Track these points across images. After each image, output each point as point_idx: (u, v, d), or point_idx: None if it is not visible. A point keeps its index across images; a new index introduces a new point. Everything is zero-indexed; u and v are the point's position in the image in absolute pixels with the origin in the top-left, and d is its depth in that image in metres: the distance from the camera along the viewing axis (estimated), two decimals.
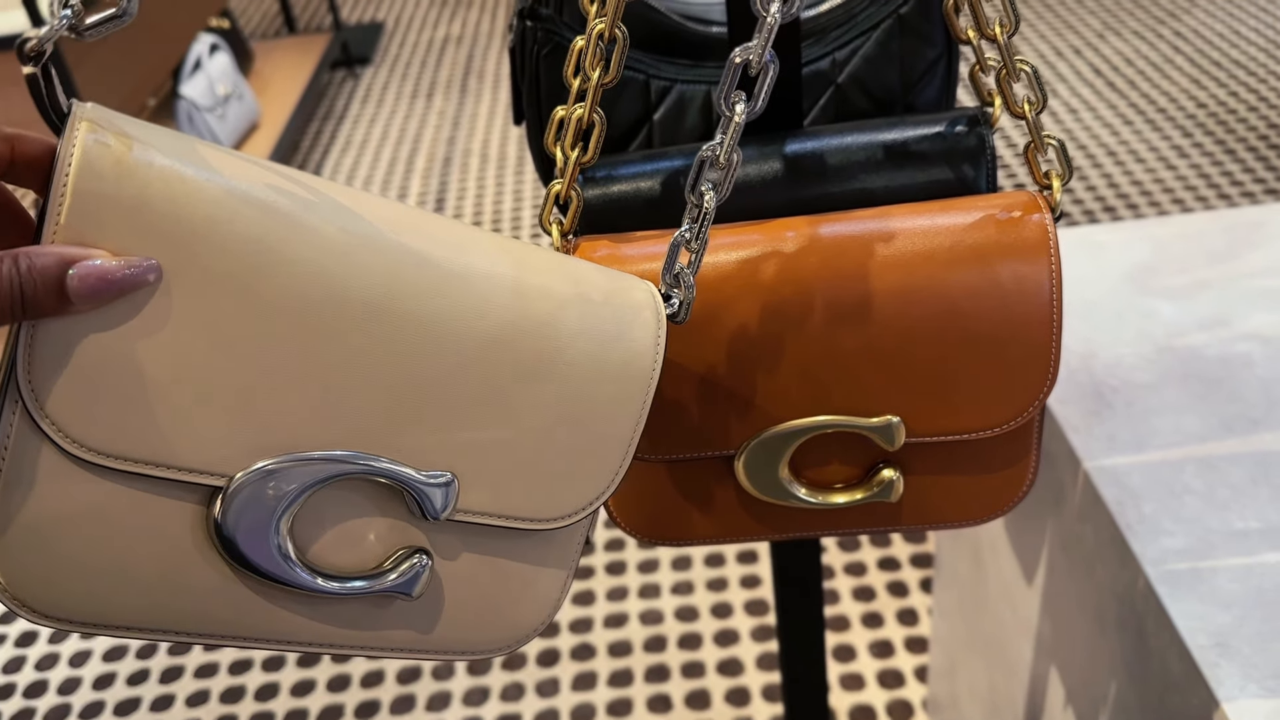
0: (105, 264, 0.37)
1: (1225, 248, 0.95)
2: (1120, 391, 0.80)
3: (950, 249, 0.51)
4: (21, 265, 0.36)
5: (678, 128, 0.65)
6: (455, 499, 0.44)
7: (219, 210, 0.39)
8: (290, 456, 0.41)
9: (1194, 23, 3.15)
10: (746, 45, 0.46)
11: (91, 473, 0.39)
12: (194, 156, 0.39)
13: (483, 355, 0.44)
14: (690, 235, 0.48)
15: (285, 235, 0.40)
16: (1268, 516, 0.69)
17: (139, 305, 0.38)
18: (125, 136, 0.38)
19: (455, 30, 3.80)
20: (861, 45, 0.63)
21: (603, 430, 0.47)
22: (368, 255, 0.42)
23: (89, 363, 0.38)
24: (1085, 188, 2.44)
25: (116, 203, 0.37)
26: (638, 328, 0.47)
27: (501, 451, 0.45)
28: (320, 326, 0.40)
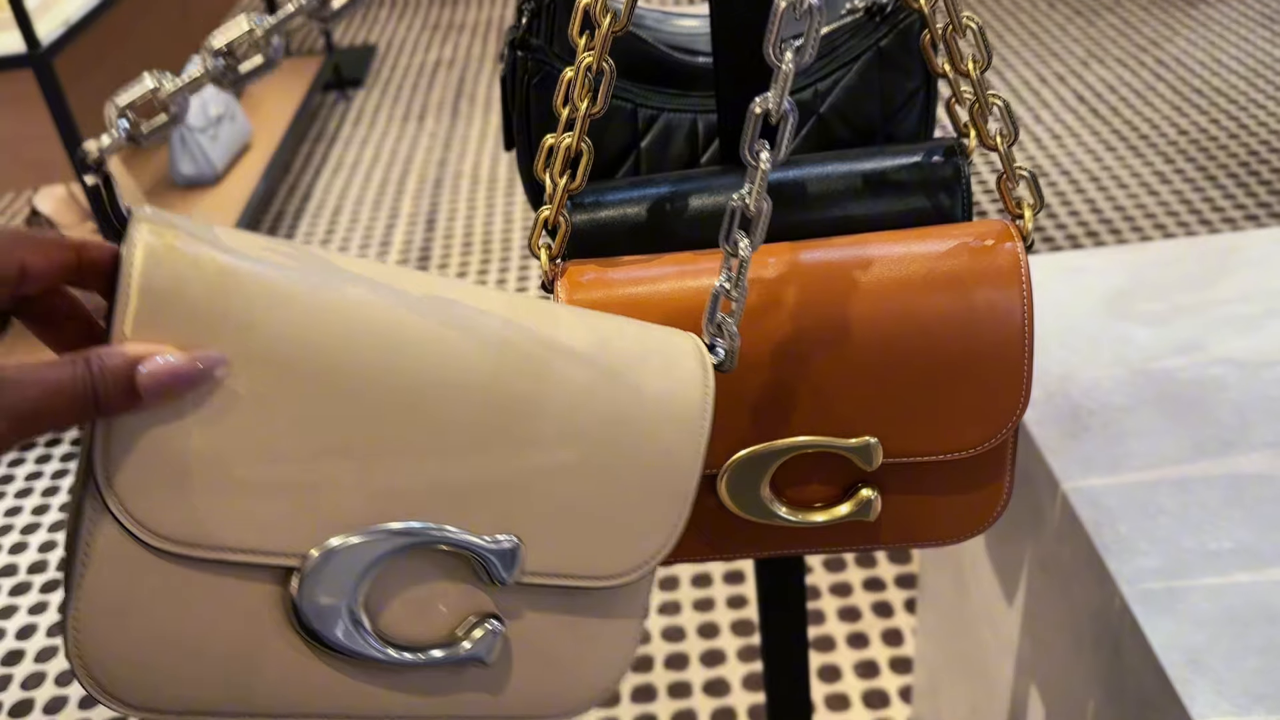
0: (173, 360, 0.38)
1: (1200, 274, 0.97)
2: (1097, 414, 0.82)
3: (926, 276, 0.53)
4: (93, 366, 0.37)
5: (664, 155, 0.67)
6: (521, 562, 0.45)
7: (279, 300, 0.40)
8: (360, 532, 0.42)
9: (1176, 51, 3.20)
10: (765, 95, 0.47)
11: (169, 561, 0.40)
12: (249, 250, 0.41)
13: (532, 426, 0.44)
14: (730, 284, 0.49)
15: (343, 319, 0.41)
16: (1240, 537, 0.71)
17: (206, 395, 0.39)
18: (184, 236, 0.40)
19: (447, 54, 3.83)
20: (843, 77, 0.65)
21: (659, 484, 0.47)
22: (420, 331, 0.43)
23: (161, 455, 0.39)
24: (1069, 213, 2.47)
25: (180, 300, 0.39)
26: (685, 380, 0.47)
27: (562, 512, 0.45)
28: (380, 404, 0.42)
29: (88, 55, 1.88)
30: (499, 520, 0.44)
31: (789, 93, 0.47)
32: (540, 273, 0.56)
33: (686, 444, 0.47)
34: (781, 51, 0.47)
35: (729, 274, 0.49)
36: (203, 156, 2.60)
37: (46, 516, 1.91)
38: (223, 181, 2.65)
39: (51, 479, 2.00)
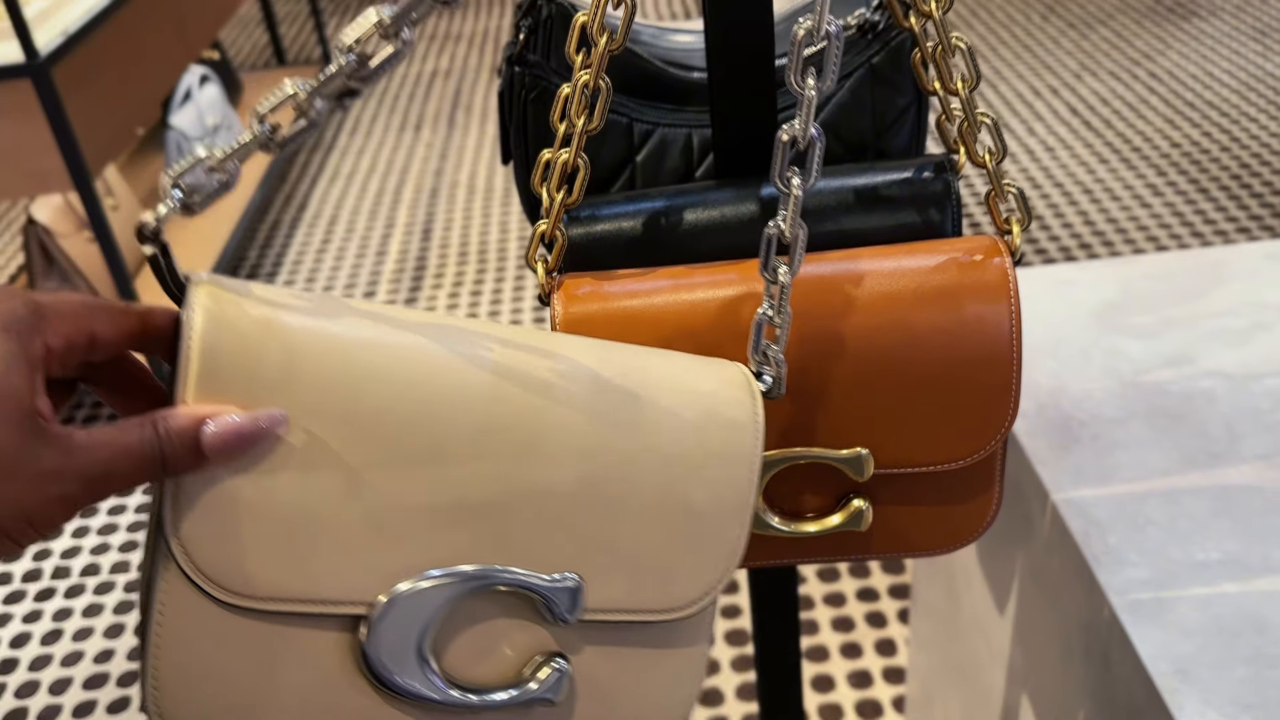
0: (235, 419, 0.39)
1: (1190, 287, 0.98)
2: (1087, 426, 0.83)
3: (916, 290, 0.54)
4: (160, 427, 0.38)
5: (659, 169, 0.68)
6: (583, 600, 0.45)
7: (334, 355, 0.42)
8: (425, 576, 0.43)
9: (1169, 64, 3.22)
10: (791, 123, 0.48)
11: (239, 615, 0.41)
12: (300, 308, 0.43)
13: (587, 458, 0.45)
14: (773, 311, 0.50)
15: (398, 370, 0.42)
16: (1227, 548, 0.72)
17: (269, 451, 0.40)
18: (239, 299, 0.41)
19: (444, 65, 3.85)
20: (835, 93, 0.65)
21: (715, 514, 0.47)
22: (472, 378, 0.44)
23: (227, 511, 0.40)
24: (1062, 225, 2.49)
25: (238, 361, 0.40)
26: (735, 409, 0.48)
27: (620, 548, 0.46)
28: (436, 450, 0.42)
29: (86, 65, 1.89)
30: (559, 559, 0.45)
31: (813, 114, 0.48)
32: (537, 285, 0.57)
33: (740, 473, 0.47)
34: (804, 79, 0.47)
35: (771, 301, 0.50)
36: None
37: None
38: None
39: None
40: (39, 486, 0.37)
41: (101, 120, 1.93)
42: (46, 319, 0.39)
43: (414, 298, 2.50)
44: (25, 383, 0.38)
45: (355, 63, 0.43)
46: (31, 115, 1.74)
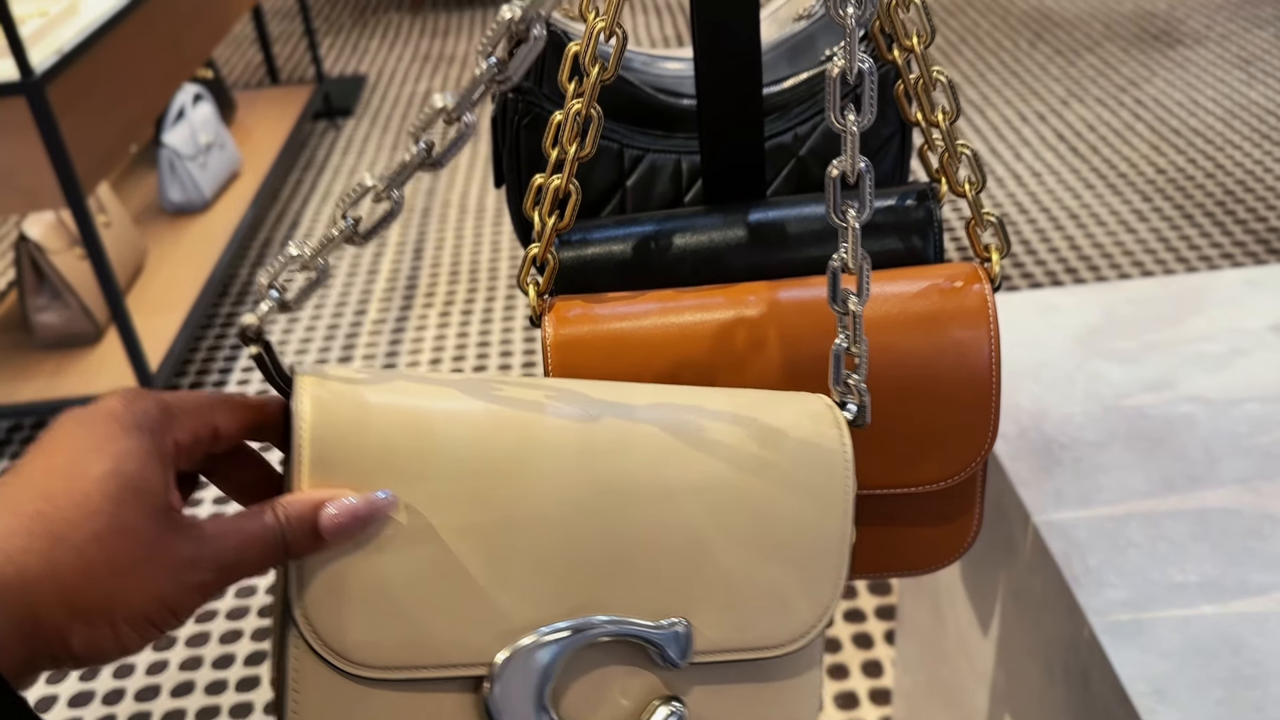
0: (350, 503, 0.42)
1: (1171, 313, 1.00)
2: (1069, 448, 0.84)
3: (899, 315, 0.55)
4: (280, 514, 0.41)
5: (649, 194, 0.69)
6: (692, 643, 0.46)
7: (433, 430, 0.44)
8: (539, 633, 0.44)
9: (1154, 91, 3.26)
10: (840, 158, 0.49)
11: (368, 685, 0.43)
12: (400, 387, 0.45)
13: (686, 505, 0.46)
14: (849, 342, 0.51)
15: (495, 438, 0.44)
16: (1205, 571, 0.73)
17: (381, 528, 0.43)
18: (344, 385, 0.44)
19: (436, 85, 3.87)
20: (821, 121, 0.67)
21: (814, 548, 0.48)
22: (569, 438, 0.45)
23: (348, 587, 0.42)
24: (1048, 249, 2.51)
25: (346, 444, 0.43)
26: (825, 441, 0.49)
27: (725, 590, 0.47)
28: (540, 512, 0.44)
29: (80, 84, 1.90)
30: (666, 605, 0.46)
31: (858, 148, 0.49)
32: (528, 307, 0.58)
33: (835, 504, 0.48)
34: (844, 115, 0.49)
35: (846, 332, 0.51)
36: (191, 184, 2.62)
37: None
38: (211, 209, 2.67)
39: None
40: (177, 576, 0.39)
41: (95, 138, 1.94)
42: (175, 417, 0.42)
43: (405, 316, 2.51)
44: (160, 479, 0.40)
45: (424, 151, 0.46)
46: (25, 133, 1.75)
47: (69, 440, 0.40)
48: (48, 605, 0.37)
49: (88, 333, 2.18)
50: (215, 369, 2.38)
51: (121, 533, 0.38)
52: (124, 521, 0.38)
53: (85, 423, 0.40)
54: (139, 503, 0.39)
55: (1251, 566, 0.73)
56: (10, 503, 0.38)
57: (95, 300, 2.17)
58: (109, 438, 0.39)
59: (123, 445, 0.39)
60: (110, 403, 0.41)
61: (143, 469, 0.39)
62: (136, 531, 0.38)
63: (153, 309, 2.27)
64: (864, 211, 0.50)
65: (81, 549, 0.37)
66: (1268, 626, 0.68)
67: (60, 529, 0.37)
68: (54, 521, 0.37)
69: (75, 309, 2.15)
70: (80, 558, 0.37)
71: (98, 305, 2.18)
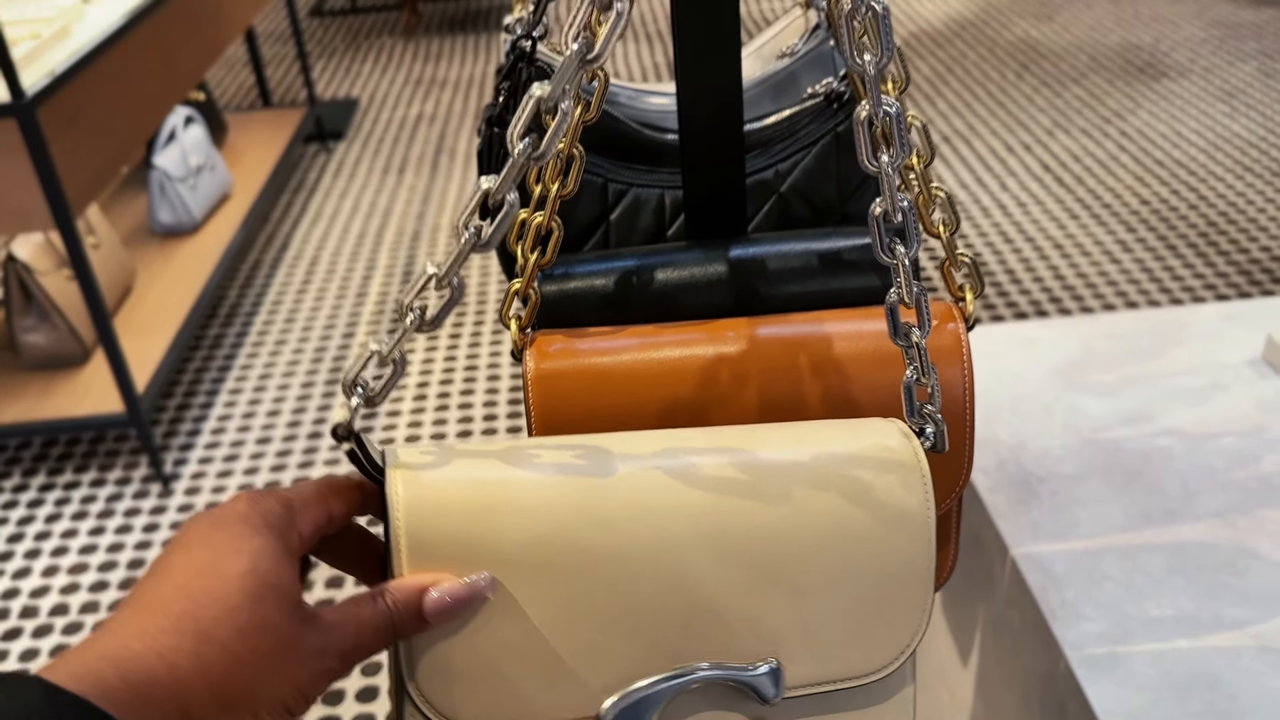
0: (451, 586, 0.45)
1: (1150, 346, 1.01)
2: (1047, 481, 0.85)
3: (875, 352, 0.56)
4: (389, 600, 0.44)
5: (632, 228, 0.70)
6: (784, 680, 0.48)
7: (522, 509, 0.46)
8: (639, 685, 0.47)
9: (1139, 123, 3.30)
10: (880, 198, 0.50)
11: None
12: (488, 466, 0.47)
13: (770, 548, 0.47)
14: (918, 374, 0.52)
15: (583, 507, 0.46)
16: (1181, 605, 0.73)
17: (482, 605, 0.45)
18: (433, 469, 0.47)
19: (428, 109, 3.89)
20: (802, 159, 0.68)
21: (898, 577, 0.49)
22: (653, 497, 0.47)
23: (454, 660, 0.46)
24: (1033, 279, 2.53)
25: (441, 532, 0.45)
26: (902, 471, 0.50)
27: (812, 626, 0.48)
28: (629, 571, 0.46)
29: (71, 106, 1.90)
30: (757, 646, 0.48)
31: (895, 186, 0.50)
32: (511, 341, 0.59)
33: (918, 531, 0.49)
34: (876, 156, 0.50)
35: (913, 364, 0.52)
36: (181, 206, 2.62)
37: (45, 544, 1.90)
38: (201, 230, 2.67)
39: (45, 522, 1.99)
40: (309, 664, 0.42)
41: (85, 160, 1.95)
42: (297, 511, 0.45)
43: None
44: (291, 574, 0.43)
45: (474, 235, 0.47)
46: (15, 155, 1.76)
47: (206, 542, 0.43)
48: (198, 700, 0.40)
49: (75, 354, 2.18)
50: (202, 390, 2.37)
51: (261, 628, 0.41)
52: (263, 617, 0.41)
53: (217, 524, 0.43)
54: (275, 598, 0.42)
55: (1226, 601, 0.73)
56: (158, 602, 0.41)
57: (82, 321, 2.17)
58: (242, 537, 0.42)
59: (256, 544, 0.42)
60: (237, 505, 0.44)
61: (276, 566, 0.42)
62: (274, 626, 0.41)
63: (140, 330, 2.27)
64: (912, 247, 0.51)
65: (227, 645, 0.40)
66: (1242, 661, 0.69)
67: (207, 627, 0.40)
68: (200, 620, 0.40)
69: (62, 330, 2.15)
70: (226, 653, 0.40)
71: (85, 326, 2.18)
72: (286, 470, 2.11)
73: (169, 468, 2.13)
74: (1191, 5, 4.31)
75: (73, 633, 1.76)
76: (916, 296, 0.51)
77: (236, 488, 2.07)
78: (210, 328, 2.61)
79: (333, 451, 2.15)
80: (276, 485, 2.04)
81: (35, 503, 2.06)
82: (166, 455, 2.17)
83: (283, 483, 2.07)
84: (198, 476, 2.11)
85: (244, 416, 2.28)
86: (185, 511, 2.01)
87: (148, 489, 2.08)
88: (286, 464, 2.13)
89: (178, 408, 2.32)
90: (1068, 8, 4.40)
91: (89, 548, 1.95)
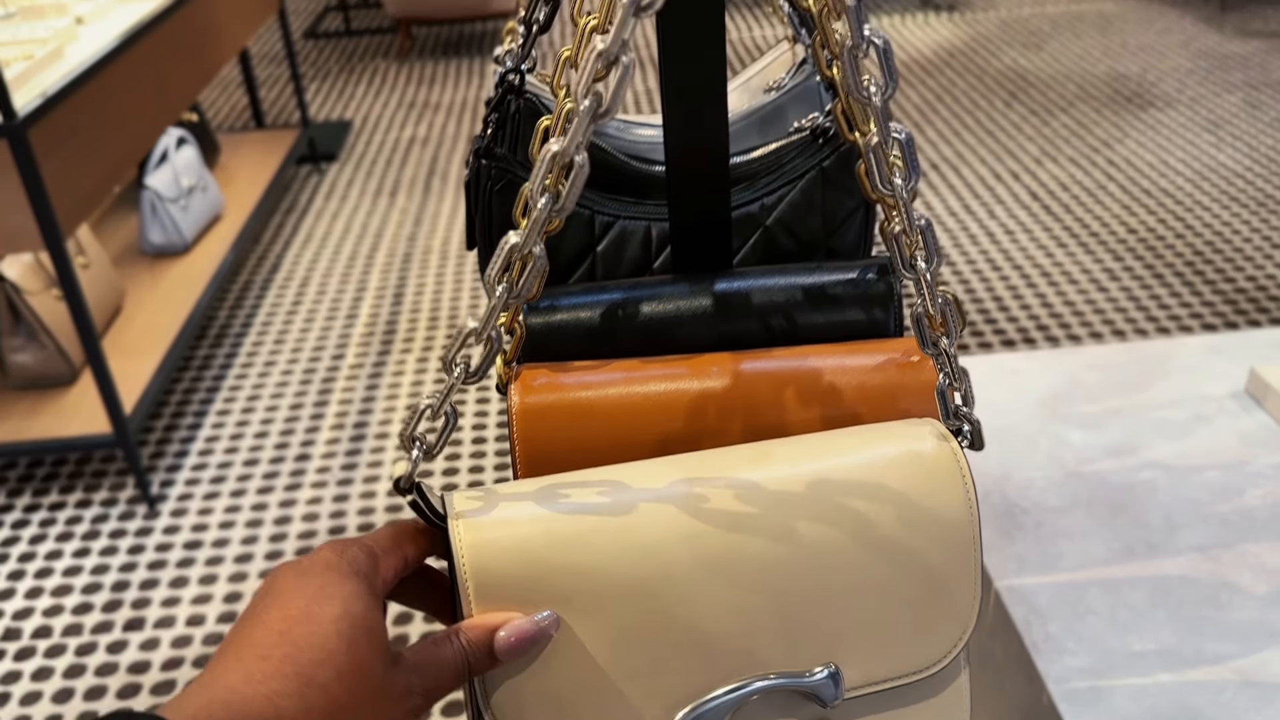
0: (520, 624, 0.47)
1: (1134, 378, 1.02)
2: (1031, 513, 0.85)
3: (858, 387, 0.56)
4: (463, 640, 0.47)
5: (619, 259, 0.70)
6: (842, 683, 0.50)
7: (581, 544, 0.48)
8: (701, 702, 0.48)
9: (1126, 152, 3.32)
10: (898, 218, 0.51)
11: None
12: (533, 508, 0.49)
13: (820, 558, 0.49)
14: (949, 380, 0.54)
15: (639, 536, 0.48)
16: (1163, 639, 0.74)
17: (549, 641, 0.48)
18: (487, 514, 0.49)
19: (421, 132, 3.90)
20: (788, 193, 0.69)
21: (946, 574, 0.51)
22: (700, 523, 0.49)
23: (527, 696, 0.48)
24: (1020, 306, 2.54)
25: (505, 574, 0.48)
26: (942, 470, 0.51)
27: (864, 629, 0.50)
28: (684, 595, 0.48)
29: (63, 127, 1.91)
30: (814, 653, 0.50)
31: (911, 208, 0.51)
32: (497, 375, 0.59)
33: (961, 528, 0.51)
34: (891, 181, 0.51)
35: (943, 369, 0.54)
36: (173, 226, 2.62)
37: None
38: (191, 251, 2.67)
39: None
40: (399, 703, 0.45)
41: (77, 181, 1.95)
42: (378, 557, 0.48)
43: (383, 361, 2.51)
44: (380, 618, 0.46)
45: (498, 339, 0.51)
46: (6, 175, 1.76)
47: (298, 589, 0.45)
48: None
49: (63, 374, 2.17)
50: (190, 411, 2.37)
51: (358, 670, 0.43)
52: (358, 660, 0.43)
53: (305, 573, 0.45)
54: (368, 641, 0.44)
55: (1208, 635, 0.74)
56: (259, 648, 0.43)
57: (71, 341, 2.17)
58: (332, 584, 0.45)
59: (346, 590, 0.45)
60: (324, 554, 0.47)
61: (366, 610, 0.45)
62: (369, 668, 0.44)
63: (129, 351, 2.26)
64: (933, 261, 0.52)
65: (326, 687, 0.42)
66: (1224, 697, 0.69)
67: (307, 670, 0.42)
68: (300, 664, 0.42)
69: (51, 350, 2.14)
70: (326, 695, 0.42)
71: (74, 346, 2.18)
72: (273, 492, 2.10)
73: (155, 489, 2.13)
74: (1178, 36, 4.36)
75: (55, 655, 1.75)
76: (941, 306, 0.52)
77: (223, 510, 2.06)
78: (199, 348, 2.61)
79: (319, 474, 2.14)
80: (263, 506, 2.04)
81: (20, 524, 2.05)
82: (153, 476, 2.16)
83: (269, 505, 2.07)
84: (184, 498, 2.10)
85: (231, 438, 2.27)
86: (171, 533, 2.00)
87: (133, 510, 2.07)
88: (273, 486, 2.12)
89: (165, 429, 2.31)
90: (1056, 37, 4.45)
91: (73, 569, 1.93)
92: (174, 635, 1.78)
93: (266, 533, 2.00)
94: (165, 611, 1.83)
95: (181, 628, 1.79)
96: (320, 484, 2.12)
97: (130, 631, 1.79)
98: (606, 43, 0.45)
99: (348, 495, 2.08)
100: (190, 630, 1.79)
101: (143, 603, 1.85)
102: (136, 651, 1.75)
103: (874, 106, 0.50)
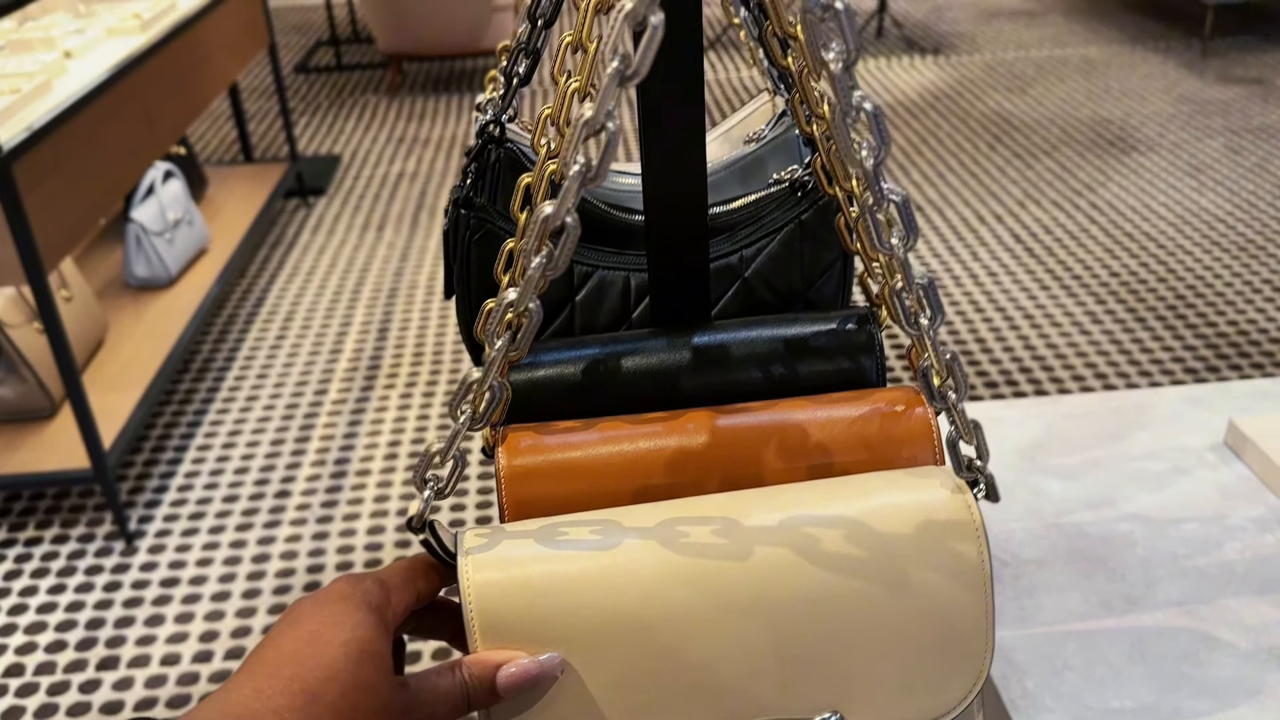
0: (523, 663, 0.49)
1: (1113, 429, 1.02)
2: (1009, 566, 0.85)
3: (844, 438, 0.56)
4: (465, 673, 0.49)
5: (598, 310, 0.70)
6: None
7: (588, 585, 0.49)
8: None
9: (1109, 196, 3.36)
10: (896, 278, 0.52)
11: None
12: (536, 548, 0.51)
13: (830, 605, 0.49)
14: (959, 433, 0.54)
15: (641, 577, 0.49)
16: (1141, 696, 0.73)
17: (552, 680, 0.49)
18: (494, 552, 0.50)
19: (410, 167, 3.91)
20: (767, 245, 0.69)
21: (957, 627, 0.50)
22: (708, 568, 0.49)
23: None
24: (1003, 348, 2.55)
25: (511, 615, 0.49)
26: (956, 523, 0.51)
27: (873, 676, 0.50)
28: (686, 637, 0.49)
29: (48, 161, 1.90)
30: (821, 698, 0.50)
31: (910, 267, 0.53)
32: (482, 439, 0.59)
33: (974, 583, 0.50)
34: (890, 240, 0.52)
35: (952, 423, 0.54)
36: (158, 260, 2.62)
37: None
38: (176, 284, 2.67)
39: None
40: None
41: (61, 215, 1.94)
42: (390, 591, 0.50)
43: (366, 397, 2.50)
44: (387, 645, 0.48)
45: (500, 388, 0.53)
46: None
47: (312, 615, 0.48)
48: None
49: (42, 408, 2.16)
50: (170, 447, 2.35)
51: (361, 689, 0.46)
52: (363, 680, 0.46)
53: (321, 603, 0.48)
54: (374, 663, 0.47)
55: (1186, 693, 0.73)
56: (270, 667, 0.46)
57: (52, 375, 2.15)
58: (344, 612, 0.48)
59: (356, 617, 0.48)
60: (339, 585, 0.49)
61: (374, 636, 0.48)
62: (373, 687, 0.47)
63: (110, 385, 2.25)
64: (936, 318, 0.53)
65: (332, 704, 0.45)
66: None
67: (314, 688, 0.45)
68: (308, 682, 0.45)
69: (31, 384, 2.13)
70: (331, 710, 0.45)
71: (54, 380, 2.16)
72: (252, 530, 2.08)
73: (133, 525, 2.10)
74: (1161, 81, 4.42)
75: (27, 695, 1.72)
76: (948, 363, 0.53)
77: (200, 547, 2.04)
78: (181, 383, 2.59)
79: (299, 511, 2.13)
80: (242, 544, 2.02)
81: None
82: (131, 512, 2.14)
83: (247, 543, 2.05)
84: (162, 534, 2.08)
85: (211, 474, 2.26)
86: (148, 570, 1.98)
87: (111, 546, 2.05)
88: (252, 523, 2.10)
89: (145, 464, 2.30)
90: (1040, 81, 4.50)
91: (48, 606, 1.91)
92: (148, 675, 1.76)
93: (244, 570, 1.98)
94: (140, 650, 1.81)
95: (156, 667, 1.77)
96: (299, 521, 2.11)
97: (104, 670, 1.77)
98: (592, 111, 0.45)
99: (327, 533, 2.07)
100: (165, 670, 1.76)
101: (117, 641, 1.83)
102: (110, 691, 1.73)
103: (866, 170, 0.50)
